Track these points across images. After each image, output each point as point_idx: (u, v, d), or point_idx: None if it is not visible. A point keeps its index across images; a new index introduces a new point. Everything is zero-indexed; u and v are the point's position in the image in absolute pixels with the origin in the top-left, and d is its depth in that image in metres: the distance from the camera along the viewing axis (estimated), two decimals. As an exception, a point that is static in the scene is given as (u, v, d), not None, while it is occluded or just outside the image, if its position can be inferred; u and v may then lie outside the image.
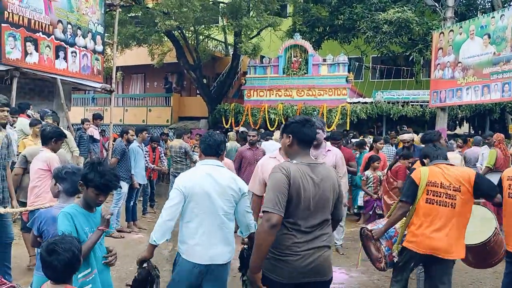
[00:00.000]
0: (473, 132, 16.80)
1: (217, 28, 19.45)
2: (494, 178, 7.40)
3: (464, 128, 17.45)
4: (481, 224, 3.80)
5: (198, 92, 20.42)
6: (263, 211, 2.57)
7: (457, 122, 16.55)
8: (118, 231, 7.30)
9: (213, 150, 3.19)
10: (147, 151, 8.66)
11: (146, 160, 8.29)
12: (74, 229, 2.63)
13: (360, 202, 8.44)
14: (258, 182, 3.80)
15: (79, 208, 2.75)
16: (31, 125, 6.55)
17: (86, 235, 2.69)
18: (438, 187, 3.47)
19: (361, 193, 8.29)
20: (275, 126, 16.24)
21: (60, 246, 2.24)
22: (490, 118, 15.54)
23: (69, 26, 9.75)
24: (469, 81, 11.24)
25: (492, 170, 8.02)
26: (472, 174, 3.47)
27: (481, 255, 3.85)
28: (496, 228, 3.74)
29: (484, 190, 3.46)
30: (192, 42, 19.02)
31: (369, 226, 3.97)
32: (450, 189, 3.43)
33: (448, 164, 3.61)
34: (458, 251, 3.45)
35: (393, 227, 3.78)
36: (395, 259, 3.72)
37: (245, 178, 6.88)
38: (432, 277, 3.59)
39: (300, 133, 2.76)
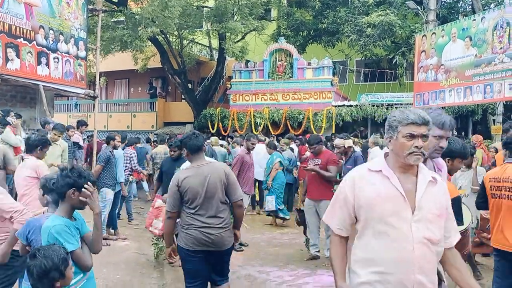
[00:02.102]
0: (456, 133, 17.03)
1: (201, 33, 19.42)
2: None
3: (447, 130, 17.66)
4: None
5: (183, 97, 20.33)
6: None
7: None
8: (104, 238, 7.18)
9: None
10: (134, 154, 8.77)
11: (134, 163, 8.60)
12: (76, 241, 2.63)
13: None
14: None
15: (63, 218, 2.69)
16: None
17: (79, 243, 2.69)
18: None
19: None
20: (261, 130, 16.25)
21: (42, 252, 2.25)
22: (473, 120, 15.79)
23: (51, 31, 9.62)
24: (452, 83, 11.40)
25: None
26: None
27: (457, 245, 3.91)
28: (471, 217, 3.81)
29: None
30: (176, 47, 18.95)
31: None
32: None
33: None
34: None
35: None
36: None
37: (245, 181, 7.02)
38: None
39: (189, 145, 3.77)
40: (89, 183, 2.71)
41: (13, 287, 3.61)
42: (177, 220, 3.87)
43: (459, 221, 3.36)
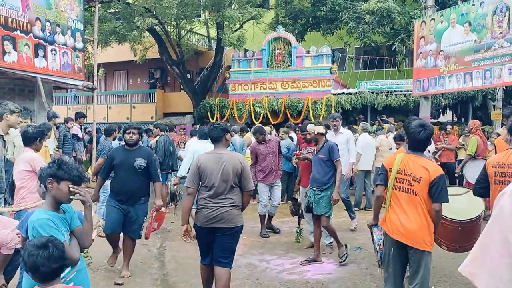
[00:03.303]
0: (456, 119, 17.02)
1: (199, 22, 19.30)
2: (476, 165, 7.53)
3: (447, 116, 17.66)
4: (469, 203, 3.87)
5: (182, 87, 20.27)
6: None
7: (440, 110, 16.75)
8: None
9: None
10: None
11: None
12: (61, 234, 2.59)
13: None
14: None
15: (49, 211, 2.67)
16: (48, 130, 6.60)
17: (65, 237, 2.65)
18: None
19: None
20: (260, 119, 16.22)
21: (54, 242, 2.27)
22: (473, 105, 15.75)
23: (48, 23, 9.56)
24: (451, 69, 11.34)
25: (474, 158, 8.12)
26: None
27: (470, 233, 3.94)
28: (484, 206, 3.81)
29: None
30: (174, 37, 18.85)
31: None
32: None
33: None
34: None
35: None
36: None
37: (260, 171, 7.10)
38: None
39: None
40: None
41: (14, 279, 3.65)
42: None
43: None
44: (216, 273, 4.08)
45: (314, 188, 5.71)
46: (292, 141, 9.93)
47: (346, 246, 5.67)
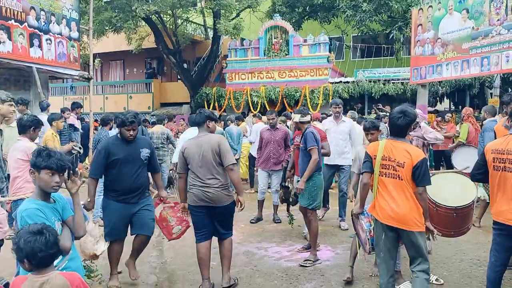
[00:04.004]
0: (453, 107, 17.01)
1: (195, 11, 19.17)
2: (466, 153, 7.53)
3: (445, 104, 17.66)
4: (461, 189, 3.89)
5: (179, 77, 20.19)
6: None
7: (438, 98, 16.73)
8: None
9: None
10: None
11: None
12: (50, 224, 2.56)
13: None
14: None
15: (37, 201, 2.65)
16: (53, 119, 6.62)
17: (55, 226, 2.62)
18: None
19: None
20: (258, 109, 16.19)
21: (47, 228, 2.27)
22: (470, 93, 15.74)
23: (42, 12, 9.48)
24: (449, 56, 11.31)
25: (464, 145, 8.14)
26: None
27: (464, 219, 3.98)
28: (477, 190, 3.84)
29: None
30: (171, 26, 18.73)
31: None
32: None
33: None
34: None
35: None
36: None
37: (264, 157, 7.14)
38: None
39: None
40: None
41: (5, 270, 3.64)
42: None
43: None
44: (220, 245, 4.57)
45: (298, 179, 5.52)
46: (289, 129, 9.93)
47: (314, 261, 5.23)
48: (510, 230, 3.57)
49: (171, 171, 8.13)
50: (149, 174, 4.80)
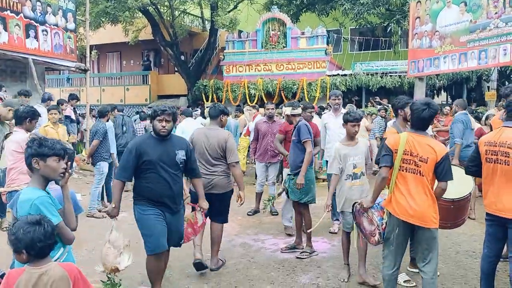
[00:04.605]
0: (450, 101, 17.03)
1: (192, 3, 19.06)
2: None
3: (442, 97, 17.68)
4: (458, 182, 3.91)
5: (176, 69, 20.12)
6: None
7: (435, 91, 16.75)
8: (100, 211, 7.23)
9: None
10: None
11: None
12: (57, 213, 2.60)
13: None
14: None
15: (39, 190, 2.64)
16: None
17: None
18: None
19: None
20: (256, 101, 16.17)
21: (44, 219, 2.29)
22: (467, 86, 15.75)
23: (38, 3, 9.42)
24: (446, 49, 11.30)
25: None
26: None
27: (461, 210, 4.00)
28: (474, 182, 3.85)
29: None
30: (168, 18, 18.63)
31: (360, 200, 3.96)
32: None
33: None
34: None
35: (382, 198, 3.75)
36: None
37: (262, 149, 7.15)
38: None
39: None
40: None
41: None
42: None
43: None
44: (212, 227, 4.76)
45: (288, 172, 5.44)
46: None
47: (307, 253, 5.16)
48: (501, 221, 3.61)
49: None
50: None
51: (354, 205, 4.02)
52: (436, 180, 3.52)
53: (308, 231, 5.16)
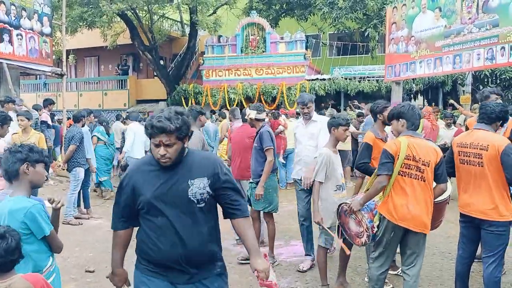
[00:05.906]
0: (427, 104, 17.33)
1: (171, 7, 18.99)
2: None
3: (419, 101, 17.99)
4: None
5: (155, 74, 19.99)
6: None
7: (412, 96, 17.04)
8: (76, 217, 7.12)
9: None
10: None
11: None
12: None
13: None
14: None
15: (30, 198, 2.60)
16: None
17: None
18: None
19: None
20: (235, 105, 16.15)
21: (11, 232, 2.21)
22: (443, 90, 16.09)
23: (13, 7, 9.26)
24: (422, 54, 11.51)
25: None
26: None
27: (439, 213, 4.05)
28: (452, 186, 3.91)
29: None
30: (147, 22, 18.51)
31: (348, 201, 3.89)
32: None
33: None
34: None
35: (373, 200, 3.72)
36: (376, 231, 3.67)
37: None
38: None
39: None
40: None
41: None
42: None
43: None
44: None
45: (250, 180, 5.18)
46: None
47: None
48: (474, 221, 3.67)
49: (123, 159, 8.40)
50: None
51: (340, 205, 3.93)
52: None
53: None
